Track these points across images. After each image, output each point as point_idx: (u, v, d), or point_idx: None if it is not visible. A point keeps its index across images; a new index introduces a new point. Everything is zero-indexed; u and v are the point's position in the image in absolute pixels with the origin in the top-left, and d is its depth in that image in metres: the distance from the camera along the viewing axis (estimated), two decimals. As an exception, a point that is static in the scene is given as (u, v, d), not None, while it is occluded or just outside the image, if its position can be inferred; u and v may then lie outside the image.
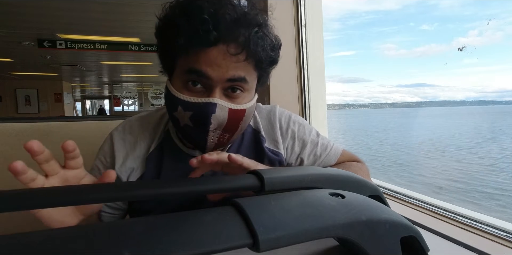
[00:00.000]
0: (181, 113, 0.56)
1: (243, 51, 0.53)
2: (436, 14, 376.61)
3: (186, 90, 0.56)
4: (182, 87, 0.56)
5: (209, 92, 0.55)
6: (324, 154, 0.74)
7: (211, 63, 0.53)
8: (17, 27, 3.98)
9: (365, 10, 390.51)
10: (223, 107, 0.55)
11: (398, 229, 0.35)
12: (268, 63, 0.59)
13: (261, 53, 0.55)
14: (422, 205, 0.77)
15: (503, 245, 0.55)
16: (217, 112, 0.54)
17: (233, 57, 0.53)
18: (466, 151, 10.32)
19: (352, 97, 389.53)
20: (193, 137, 0.58)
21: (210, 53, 0.53)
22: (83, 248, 0.23)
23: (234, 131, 0.60)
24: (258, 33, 0.55)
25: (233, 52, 0.53)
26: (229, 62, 0.53)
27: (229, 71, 0.54)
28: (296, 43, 1.17)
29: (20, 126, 0.97)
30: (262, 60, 0.57)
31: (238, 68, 0.54)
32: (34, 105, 9.25)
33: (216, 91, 0.55)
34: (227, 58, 0.53)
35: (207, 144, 0.58)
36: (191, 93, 0.55)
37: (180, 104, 0.55)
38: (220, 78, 0.54)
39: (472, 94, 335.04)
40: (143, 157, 0.65)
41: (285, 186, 0.41)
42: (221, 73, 0.53)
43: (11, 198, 0.30)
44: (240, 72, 0.55)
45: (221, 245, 0.26)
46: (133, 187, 0.38)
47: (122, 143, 0.65)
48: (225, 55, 0.53)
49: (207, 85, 0.55)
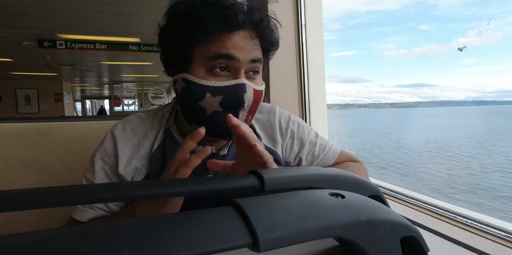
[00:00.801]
0: (209, 100, 0.58)
1: (259, 35, 0.60)
2: (435, 14, 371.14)
3: (212, 77, 0.58)
4: (206, 74, 0.59)
5: (236, 74, 0.59)
6: (322, 154, 0.75)
7: (237, 46, 0.58)
8: (17, 27, 3.98)
9: (365, 10, 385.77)
10: (250, 87, 0.59)
11: (398, 229, 0.35)
12: (274, 46, 0.66)
13: (271, 36, 0.63)
14: (422, 205, 0.77)
15: (503, 245, 0.55)
16: (248, 92, 0.58)
17: (253, 40, 0.60)
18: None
19: (352, 97, 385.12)
20: (222, 123, 0.59)
21: (234, 37, 0.58)
22: (83, 248, 0.23)
23: (254, 113, 0.64)
24: (268, 18, 0.63)
25: (253, 36, 0.59)
26: (250, 45, 0.59)
27: (251, 52, 0.59)
28: (296, 43, 1.17)
29: (20, 126, 0.96)
30: (272, 43, 0.64)
31: (256, 50, 0.61)
32: (34, 105, 9.26)
33: (242, 72, 0.59)
34: (248, 42, 0.59)
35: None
36: (218, 78, 0.59)
37: (209, 91, 0.58)
38: (246, 59, 0.58)
39: (471, 94, 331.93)
40: (146, 157, 0.65)
41: (285, 186, 0.41)
42: (246, 55, 0.58)
43: (11, 198, 0.30)
44: (258, 53, 0.61)
45: (221, 245, 0.26)
46: (133, 187, 0.38)
47: (125, 143, 0.65)
48: (247, 38, 0.59)
49: (233, 68, 0.59)
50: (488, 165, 7.87)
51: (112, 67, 7.69)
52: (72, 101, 10.94)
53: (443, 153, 10.42)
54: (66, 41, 4.72)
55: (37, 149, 0.95)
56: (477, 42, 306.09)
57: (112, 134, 0.67)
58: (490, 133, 16.79)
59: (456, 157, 9.18)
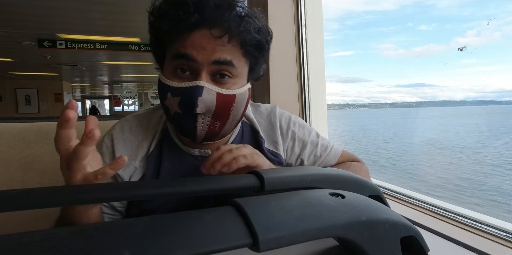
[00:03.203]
0: (170, 100, 0.57)
1: (226, 33, 0.54)
2: (434, 14, 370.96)
3: (175, 77, 0.57)
4: (171, 75, 0.57)
5: (196, 77, 0.56)
6: (324, 154, 0.74)
7: (196, 45, 0.54)
8: (17, 27, 3.98)
9: (363, 10, 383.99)
10: (210, 90, 0.55)
11: (398, 229, 0.35)
12: (255, 47, 0.59)
13: (245, 35, 0.56)
14: (422, 205, 0.77)
15: (503, 245, 0.55)
16: (204, 95, 0.54)
17: (218, 40, 0.54)
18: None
19: (351, 97, 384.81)
20: (182, 124, 0.58)
21: (194, 36, 0.54)
22: (83, 248, 0.23)
23: (226, 119, 0.59)
24: (240, 15, 0.56)
25: (216, 35, 0.54)
26: (213, 45, 0.54)
27: (214, 53, 0.55)
28: (296, 43, 1.17)
29: (20, 126, 0.96)
30: (246, 42, 0.57)
31: (223, 51, 0.55)
32: (34, 105, 9.25)
33: (202, 74, 0.55)
34: (212, 42, 0.54)
35: (197, 131, 0.58)
36: (180, 79, 0.57)
37: (169, 91, 0.56)
38: (206, 60, 0.54)
39: (471, 94, 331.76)
40: (143, 157, 0.65)
41: (285, 186, 0.41)
42: (206, 56, 0.54)
43: (11, 198, 0.30)
44: (225, 55, 0.55)
45: (221, 245, 0.26)
46: (133, 187, 0.38)
47: (123, 144, 0.65)
48: (209, 38, 0.54)
49: (193, 69, 0.56)
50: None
51: (112, 67, 7.69)
52: (72, 101, 10.92)
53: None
54: (66, 41, 4.71)
55: (37, 149, 0.95)
56: (476, 42, 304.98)
57: (110, 134, 0.66)
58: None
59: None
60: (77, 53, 5.63)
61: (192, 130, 0.58)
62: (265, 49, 0.61)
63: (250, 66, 0.61)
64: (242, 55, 0.58)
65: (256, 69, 0.64)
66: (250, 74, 0.63)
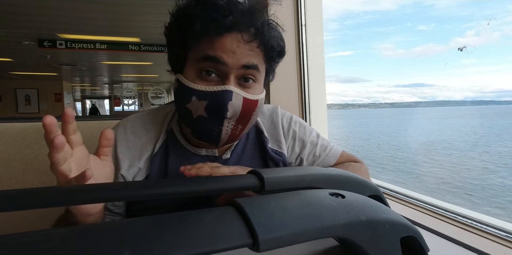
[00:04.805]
0: (195, 104, 0.56)
1: (255, 38, 0.55)
2: (433, 15, 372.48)
3: (200, 80, 0.56)
4: (195, 77, 0.57)
5: (224, 81, 0.56)
6: (324, 154, 0.75)
7: (226, 49, 0.54)
8: (17, 27, 3.98)
9: (363, 10, 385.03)
10: (238, 95, 0.56)
11: (398, 229, 0.35)
12: (277, 53, 0.61)
13: (273, 41, 0.58)
14: (422, 205, 0.77)
15: (503, 245, 0.55)
16: (234, 100, 0.55)
17: (247, 44, 0.55)
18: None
19: (350, 97, 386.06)
20: (207, 128, 0.58)
21: (225, 40, 0.54)
22: (83, 248, 0.23)
23: (247, 123, 0.60)
24: (269, 22, 0.58)
25: (247, 39, 0.55)
26: (243, 49, 0.55)
27: (244, 58, 0.55)
28: (296, 43, 1.17)
29: (20, 126, 0.96)
30: (274, 49, 0.59)
31: (251, 56, 0.56)
32: (34, 105, 9.25)
33: (231, 79, 0.56)
34: (241, 46, 0.55)
35: (221, 135, 0.58)
36: (206, 82, 0.56)
37: (195, 94, 0.56)
38: (235, 64, 0.55)
39: (470, 94, 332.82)
40: (148, 158, 0.64)
41: (285, 186, 0.41)
42: (236, 60, 0.55)
43: (11, 198, 0.30)
44: (253, 59, 0.56)
45: (221, 245, 0.26)
46: (133, 187, 0.38)
47: (125, 145, 0.64)
48: (239, 42, 0.55)
49: (222, 72, 0.56)
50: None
51: (112, 67, 7.69)
52: (72, 101, 10.94)
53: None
54: (66, 41, 4.71)
55: (37, 149, 0.95)
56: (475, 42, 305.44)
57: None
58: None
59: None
60: (77, 53, 5.63)
61: (217, 134, 0.58)
62: (283, 56, 0.63)
63: (267, 71, 0.63)
64: (264, 60, 0.60)
65: (270, 75, 0.65)
66: (265, 79, 0.64)
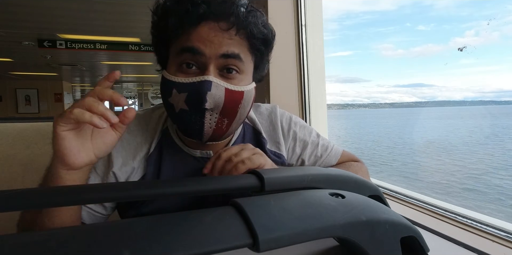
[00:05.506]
0: (176, 97, 0.55)
1: (233, 26, 0.54)
2: (432, 15, 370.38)
3: (181, 73, 0.56)
4: (176, 71, 0.56)
5: (203, 71, 0.55)
6: (325, 154, 0.74)
7: (203, 39, 0.53)
8: (17, 27, 3.98)
9: (362, 10, 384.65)
10: (219, 85, 0.54)
11: (398, 229, 0.35)
12: (261, 41, 0.58)
13: (253, 27, 0.55)
14: (422, 205, 0.77)
15: (503, 245, 0.55)
16: (213, 90, 0.53)
17: (225, 33, 0.53)
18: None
19: (350, 97, 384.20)
20: (189, 122, 0.56)
21: (201, 30, 0.53)
22: (83, 248, 0.23)
23: (233, 117, 0.58)
24: (246, 8, 0.56)
25: (224, 28, 0.53)
26: (221, 38, 0.53)
27: (222, 47, 0.54)
28: (296, 43, 1.17)
29: (20, 126, 0.96)
30: (254, 35, 0.56)
31: (231, 44, 0.54)
32: (34, 105, 9.26)
33: (210, 69, 0.54)
34: (219, 34, 0.53)
35: (204, 128, 0.56)
36: (186, 75, 0.55)
37: (175, 87, 0.55)
38: (213, 53, 0.53)
39: (469, 94, 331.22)
40: (143, 158, 0.64)
41: (285, 186, 0.41)
42: (213, 49, 0.53)
43: (11, 198, 0.30)
44: (233, 48, 0.55)
45: (221, 245, 0.26)
46: (133, 187, 0.38)
47: (120, 143, 0.63)
48: (216, 31, 0.53)
49: (201, 64, 0.55)
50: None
51: (112, 67, 7.68)
52: (72, 101, 10.95)
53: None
54: (66, 41, 4.72)
55: (37, 149, 0.95)
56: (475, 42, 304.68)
57: None
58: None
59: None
60: (77, 53, 5.63)
61: (199, 127, 0.56)
62: (270, 45, 0.61)
63: (255, 63, 0.61)
64: (248, 49, 0.58)
65: (260, 68, 0.63)
66: (255, 73, 0.62)
